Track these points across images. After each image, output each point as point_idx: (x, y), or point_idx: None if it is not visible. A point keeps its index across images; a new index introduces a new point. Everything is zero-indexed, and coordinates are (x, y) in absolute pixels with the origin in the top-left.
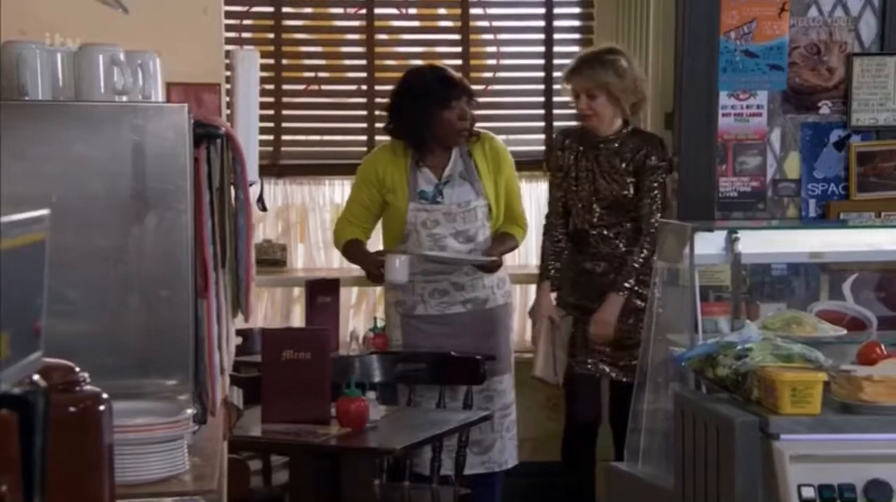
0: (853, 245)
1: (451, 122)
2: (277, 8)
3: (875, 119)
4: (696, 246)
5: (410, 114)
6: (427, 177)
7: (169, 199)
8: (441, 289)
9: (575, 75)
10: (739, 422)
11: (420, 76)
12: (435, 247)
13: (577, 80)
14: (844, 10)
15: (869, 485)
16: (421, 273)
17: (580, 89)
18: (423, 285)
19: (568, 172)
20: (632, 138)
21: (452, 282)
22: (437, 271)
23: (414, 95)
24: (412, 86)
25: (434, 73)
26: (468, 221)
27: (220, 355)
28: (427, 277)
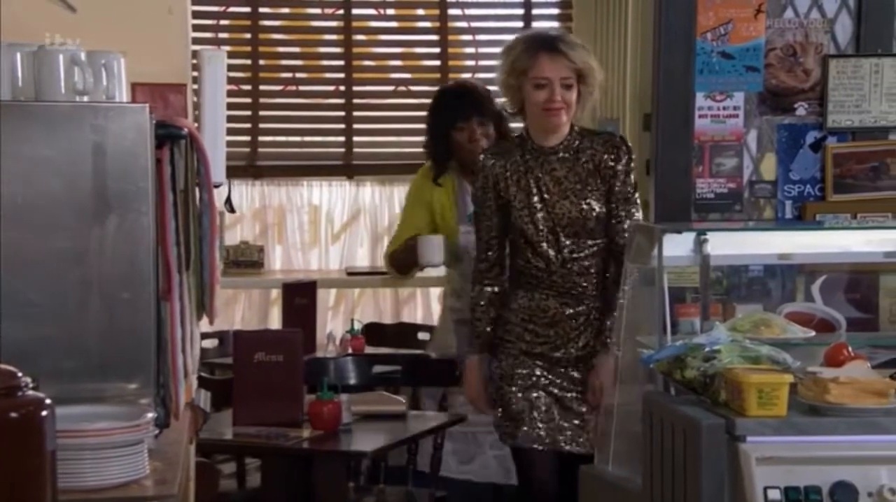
0: (824, 246)
1: (461, 144)
2: (254, 8)
3: (851, 121)
4: (665, 247)
5: (428, 134)
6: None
7: (130, 200)
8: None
9: (549, 56)
10: (706, 425)
11: (439, 93)
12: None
13: (552, 63)
14: (820, 11)
15: (835, 488)
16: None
17: (554, 75)
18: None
19: (507, 200)
20: (585, 140)
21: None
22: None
23: (430, 114)
24: (433, 104)
25: (450, 91)
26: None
27: (183, 358)
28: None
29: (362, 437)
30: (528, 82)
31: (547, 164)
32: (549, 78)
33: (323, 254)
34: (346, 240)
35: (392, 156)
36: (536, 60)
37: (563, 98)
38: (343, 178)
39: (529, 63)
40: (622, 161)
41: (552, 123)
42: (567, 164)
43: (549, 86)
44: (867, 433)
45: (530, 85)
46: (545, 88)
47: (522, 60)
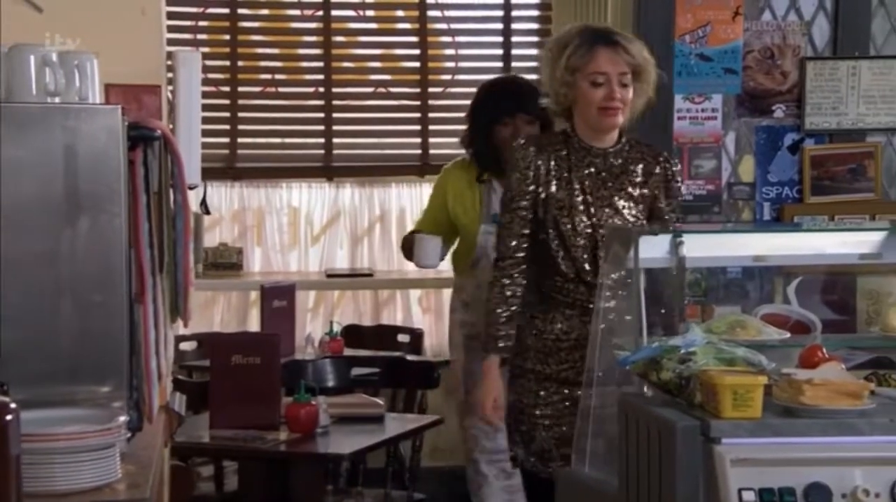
0: (801, 248)
1: (505, 140)
2: (233, 9)
3: (828, 123)
4: (641, 249)
5: (470, 128)
6: (499, 196)
7: (102, 202)
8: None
9: (607, 49)
10: (681, 426)
11: (484, 87)
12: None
13: (611, 57)
14: (798, 13)
15: (809, 489)
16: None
17: (612, 70)
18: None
19: (545, 197)
20: (635, 150)
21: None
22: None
23: (473, 108)
24: (476, 97)
25: (496, 85)
26: None
27: (157, 361)
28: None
29: (340, 440)
30: (584, 79)
31: (593, 166)
32: (608, 73)
33: (302, 255)
34: (325, 241)
35: (372, 158)
36: (594, 55)
37: (621, 97)
38: (322, 180)
39: (587, 58)
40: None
41: (608, 124)
42: (615, 170)
43: (607, 83)
44: (841, 434)
45: (586, 82)
46: (602, 86)
47: (579, 55)
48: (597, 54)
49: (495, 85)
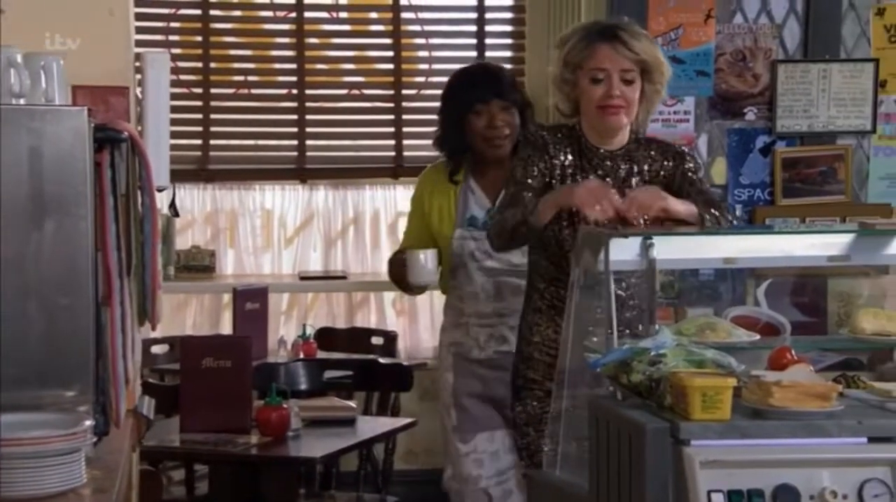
0: (772, 251)
1: (478, 131)
2: (205, 11)
3: (799, 125)
4: (611, 252)
5: (442, 122)
6: (480, 200)
7: (68, 205)
8: (498, 336)
9: (608, 45)
10: (650, 428)
11: (454, 75)
12: (489, 285)
13: (611, 53)
14: (769, 17)
15: (777, 490)
16: (475, 315)
17: (613, 66)
18: (478, 330)
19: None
20: (642, 148)
21: (511, 326)
22: (491, 313)
23: (444, 99)
24: (446, 88)
25: (466, 71)
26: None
27: (124, 364)
28: (481, 320)
29: (311, 443)
30: (584, 76)
31: (601, 170)
32: (607, 70)
33: (276, 258)
34: (299, 244)
35: (345, 160)
36: (593, 50)
37: (622, 94)
38: (296, 182)
39: (585, 53)
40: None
41: (609, 124)
42: (621, 174)
43: (606, 80)
44: (809, 436)
45: (586, 79)
46: (602, 83)
47: (577, 50)
48: (596, 49)
49: (465, 72)
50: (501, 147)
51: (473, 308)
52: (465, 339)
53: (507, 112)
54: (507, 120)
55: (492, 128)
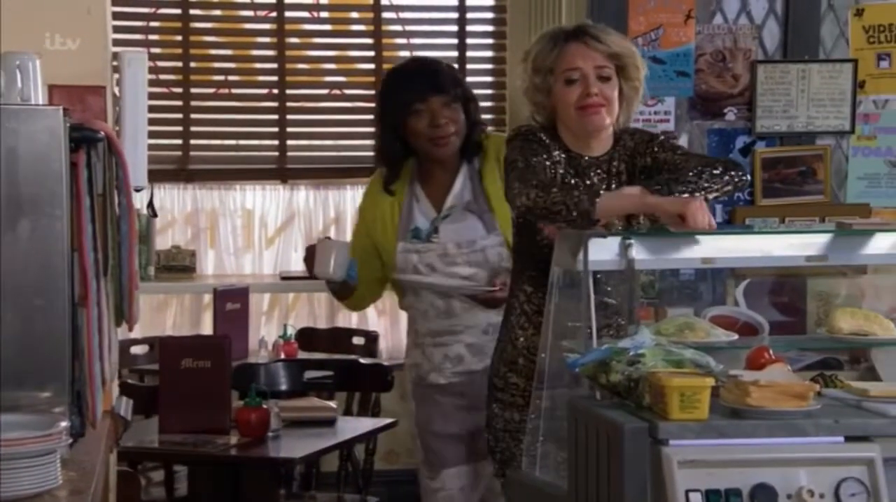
0: (750, 251)
1: (419, 132)
2: (185, 10)
3: (779, 126)
4: (590, 252)
5: (379, 130)
6: (425, 208)
7: (44, 205)
8: (454, 356)
9: (579, 43)
10: (628, 428)
11: (387, 75)
12: (438, 301)
13: (582, 51)
14: (749, 17)
15: (755, 490)
16: (428, 335)
17: (587, 64)
18: (433, 350)
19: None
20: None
21: (468, 344)
22: (444, 331)
23: (379, 102)
24: (381, 90)
25: (399, 71)
26: (476, 266)
27: (101, 365)
28: (435, 340)
29: (291, 443)
30: (558, 79)
31: (587, 179)
32: (581, 68)
33: (257, 258)
34: (280, 244)
35: (326, 160)
36: (563, 51)
37: (601, 92)
38: (277, 182)
39: (555, 54)
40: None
41: (592, 124)
42: (606, 181)
43: (581, 79)
44: (786, 435)
45: (560, 82)
46: (577, 83)
47: (545, 54)
48: (566, 50)
49: (398, 71)
50: (448, 146)
51: (426, 327)
52: (422, 361)
53: (450, 108)
54: (451, 116)
55: (435, 127)
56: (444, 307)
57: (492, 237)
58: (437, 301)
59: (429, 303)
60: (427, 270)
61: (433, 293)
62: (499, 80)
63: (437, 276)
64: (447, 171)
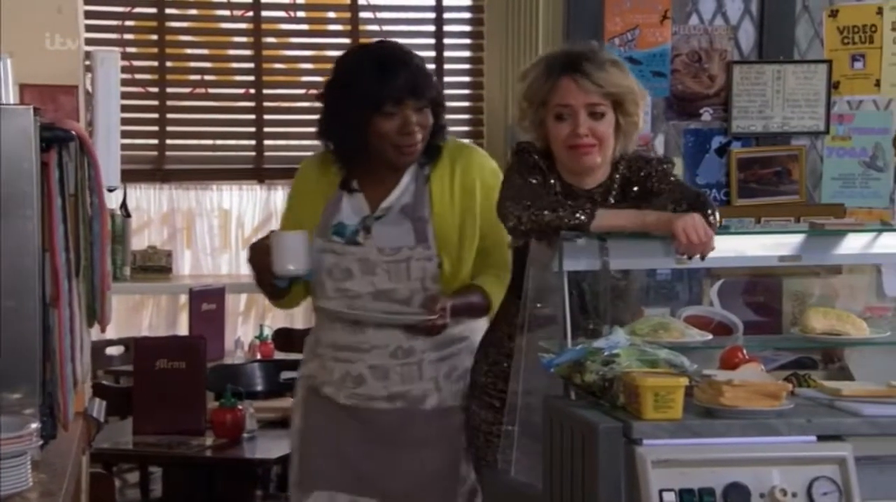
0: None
1: (386, 135)
2: (160, 10)
3: (754, 126)
4: (566, 253)
5: (335, 116)
6: (358, 204)
7: (14, 205)
8: (356, 375)
9: (571, 79)
10: (602, 428)
11: (350, 61)
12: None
13: (574, 87)
14: (724, 18)
15: (728, 489)
16: (330, 346)
17: (577, 101)
18: (333, 364)
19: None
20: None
21: (370, 365)
22: (348, 346)
23: (341, 89)
24: (344, 71)
25: (370, 58)
26: (396, 278)
27: (73, 366)
28: (337, 353)
29: (267, 444)
30: (549, 113)
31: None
32: (572, 105)
33: (233, 258)
34: None
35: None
36: (555, 85)
37: (591, 131)
38: (254, 182)
39: (547, 88)
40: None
41: (580, 165)
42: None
43: (572, 116)
44: (759, 434)
45: (551, 116)
46: (568, 120)
47: (539, 84)
48: (559, 84)
49: (368, 58)
50: (413, 155)
51: (330, 337)
52: (318, 373)
53: (422, 113)
54: (422, 122)
55: (405, 135)
56: (352, 320)
57: (419, 249)
58: (348, 312)
59: (337, 311)
60: (343, 275)
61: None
62: (476, 80)
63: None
64: (392, 168)
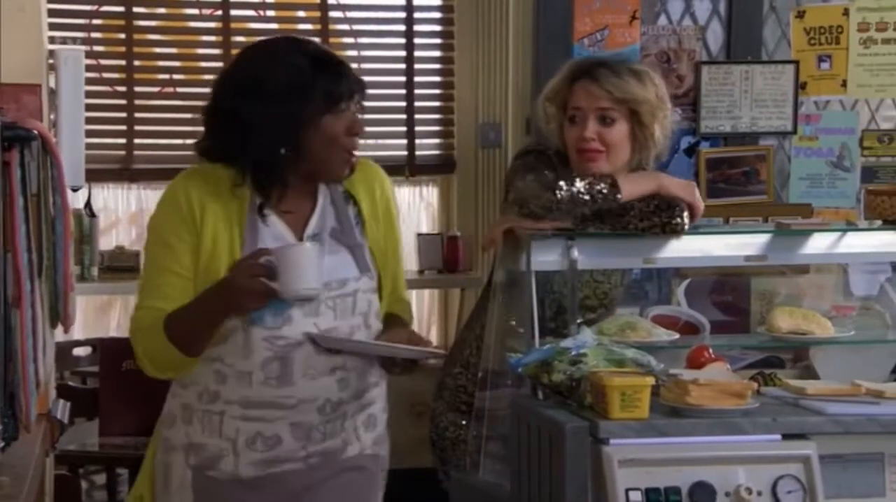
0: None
1: (335, 138)
2: (128, 8)
3: (723, 126)
4: (533, 252)
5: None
6: (277, 232)
7: None
8: (270, 436)
9: (586, 82)
10: (569, 428)
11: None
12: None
13: (585, 89)
14: (692, 18)
15: (694, 488)
16: (238, 403)
17: (588, 105)
18: (238, 424)
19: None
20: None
21: (293, 423)
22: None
23: (279, 90)
24: (274, 74)
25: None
26: (342, 315)
27: (35, 368)
28: (247, 411)
29: None
30: (566, 116)
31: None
32: (582, 109)
33: None
34: None
35: None
36: (572, 88)
37: (600, 137)
38: None
39: (564, 92)
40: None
41: (587, 170)
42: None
43: (581, 119)
44: (725, 433)
45: (566, 119)
46: (579, 124)
47: (558, 88)
48: (574, 87)
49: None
50: (353, 166)
51: (239, 392)
52: (209, 440)
53: (363, 114)
54: (362, 124)
55: (352, 136)
56: (278, 370)
57: (364, 279)
58: (274, 361)
59: (260, 361)
60: (280, 322)
61: (273, 348)
62: (446, 80)
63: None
64: (307, 185)
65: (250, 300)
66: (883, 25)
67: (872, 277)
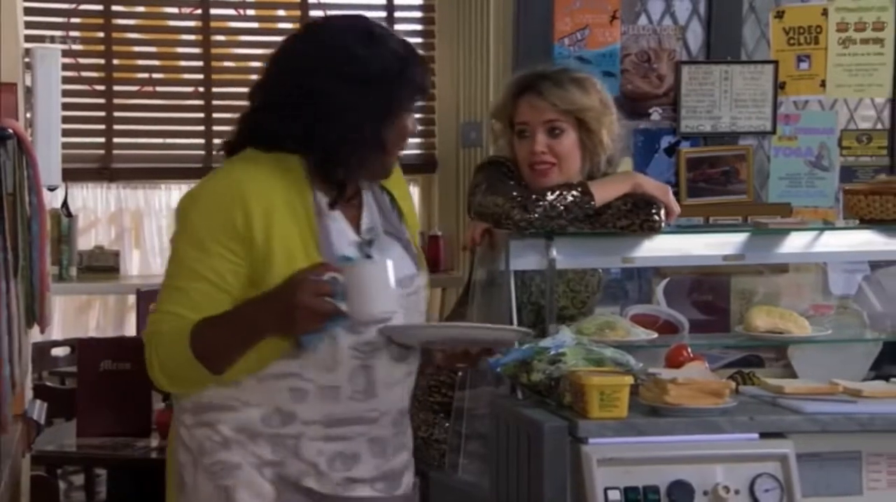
0: (669, 250)
1: (405, 134)
2: (107, 6)
3: (703, 126)
4: (512, 251)
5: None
6: (340, 229)
7: None
8: (350, 455)
9: (528, 95)
10: (548, 427)
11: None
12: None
13: (530, 104)
14: (673, 18)
15: (672, 487)
16: (320, 423)
17: (535, 119)
18: (320, 446)
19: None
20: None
21: (372, 438)
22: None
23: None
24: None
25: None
26: (411, 316)
27: (10, 369)
28: (329, 430)
29: None
30: (515, 131)
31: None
32: (529, 122)
33: None
34: None
35: None
36: (516, 103)
37: (550, 149)
38: None
39: (510, 107)
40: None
41: (540, 186)
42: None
43: (530, 134)
44: (703, 432)
45: (516, 134)
46: (528, 138)
47: (503, 104)
48: (519, 102)
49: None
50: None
51: (322, 410)
52: (289, 459)
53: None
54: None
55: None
56: (364, 382)
57: (422, 274)
58: (359, 372)
59: (348, 372)
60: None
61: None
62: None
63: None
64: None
65: (311, 321)
66: (861, 25)
67: (850, 276)
